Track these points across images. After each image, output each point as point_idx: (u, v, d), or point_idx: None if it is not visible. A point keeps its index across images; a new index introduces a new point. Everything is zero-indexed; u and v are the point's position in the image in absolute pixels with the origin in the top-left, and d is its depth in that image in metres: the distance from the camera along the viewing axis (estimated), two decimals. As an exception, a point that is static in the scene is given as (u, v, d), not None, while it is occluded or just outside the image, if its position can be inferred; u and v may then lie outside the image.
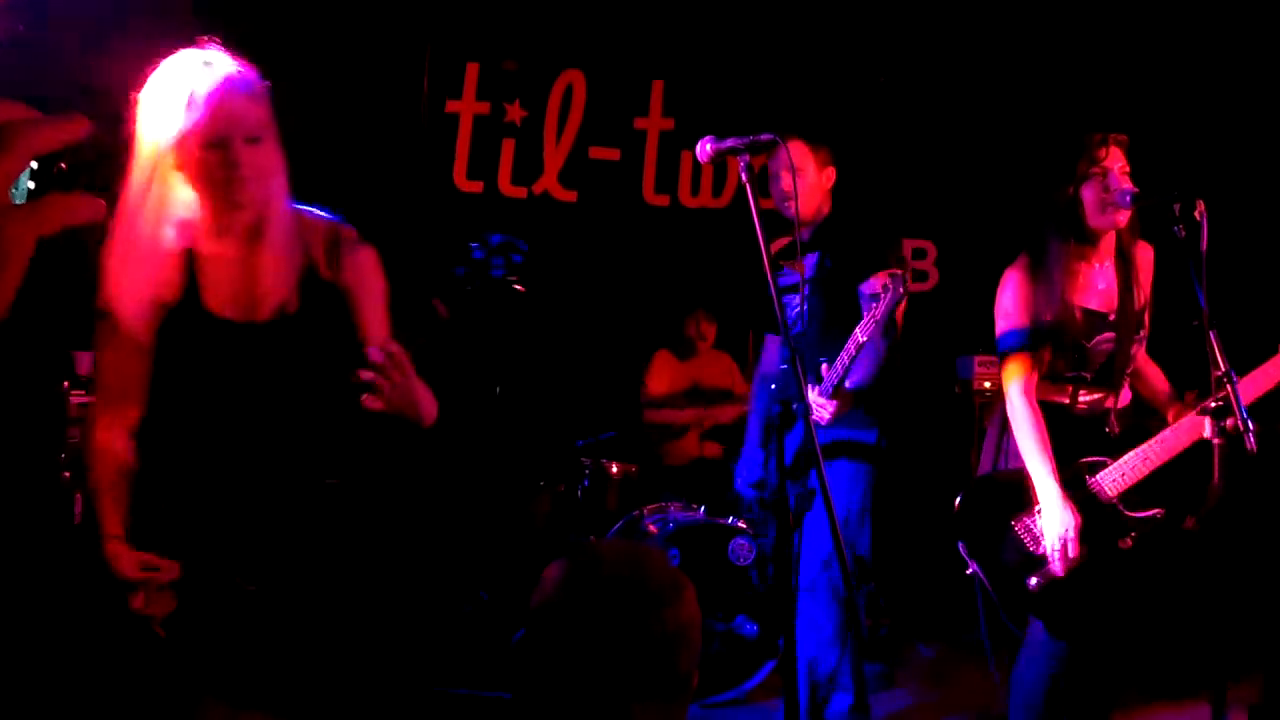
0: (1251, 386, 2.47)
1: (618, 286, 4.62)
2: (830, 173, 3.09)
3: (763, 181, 4.13)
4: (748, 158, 2.18)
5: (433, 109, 4.58)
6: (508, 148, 4.66)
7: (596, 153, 4.74)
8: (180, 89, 1.68)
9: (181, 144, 1.67)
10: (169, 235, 1.73)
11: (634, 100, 4.77)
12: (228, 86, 1.69)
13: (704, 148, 2.20)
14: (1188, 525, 3.22)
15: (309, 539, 1.77)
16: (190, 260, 1.78)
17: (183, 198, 1.72)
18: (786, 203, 2.95)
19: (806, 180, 3.01)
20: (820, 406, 2.66)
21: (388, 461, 1.81)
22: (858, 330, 2.68)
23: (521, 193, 4.69)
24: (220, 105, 1.67)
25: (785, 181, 2.96)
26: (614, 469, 3.79)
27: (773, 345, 3.15)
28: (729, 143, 2.18)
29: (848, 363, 2.72)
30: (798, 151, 3.02)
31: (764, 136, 2.21)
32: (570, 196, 4.75)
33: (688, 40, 4.75)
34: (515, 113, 4.65)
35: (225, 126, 1.67)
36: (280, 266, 1.76)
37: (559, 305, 4.17)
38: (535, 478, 4.12)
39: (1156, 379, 2.74)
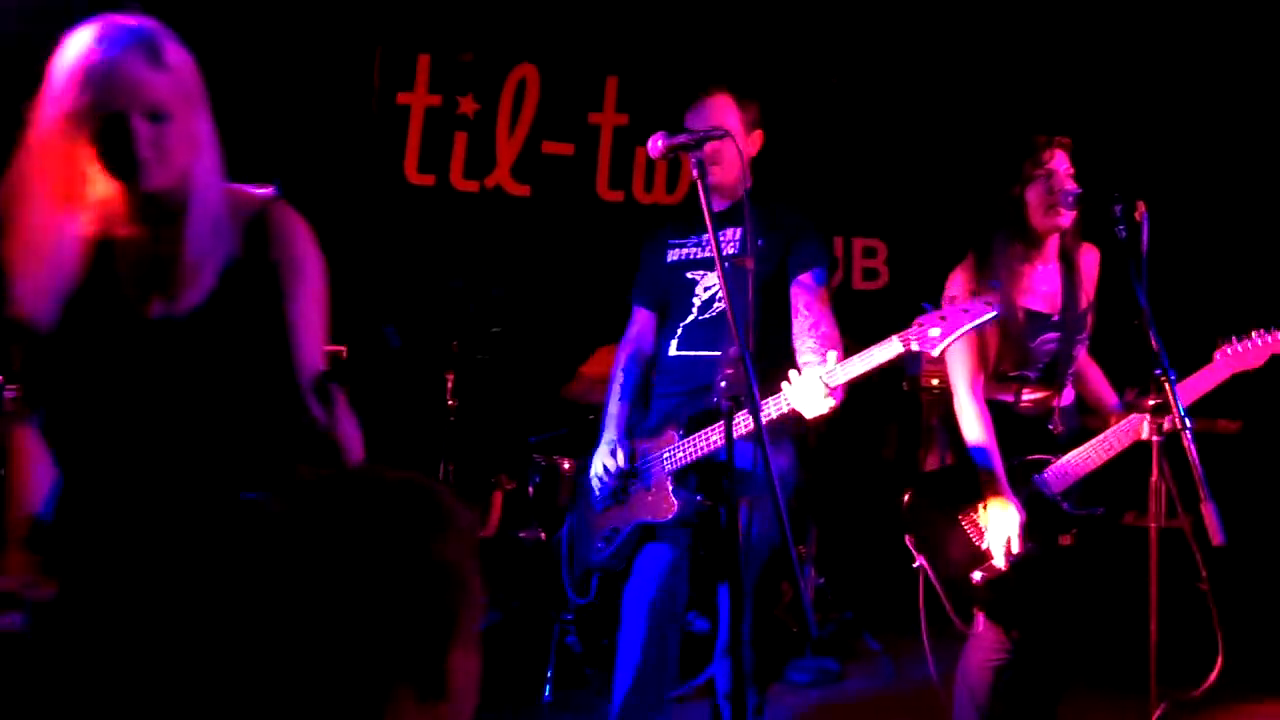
0: (1190, 389, 2.54)
1: (570, 282, 4.60)
2: (757, 137, 2.78)
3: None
4: (699, 153, 2.18)
5: (384, 100, 4.53)
6: (460, 141, 4.62)
7: (550, 147, 4.72)
8: (75, 59, 1.53)
9: (75, 120, 1.52)
10: (78, 220, 1.60)
11: (588, 95, 4.75)
12: (124, 55, 1.54)
13: (655, 144, 2.20)
14: (1127, 522, 3.30)
15: (218, 557, 1.49)
16: (104, 247, 1.63)
17: (92, 179, 1.58)
18: (712, 168, 2.59)
19: (729, 142, 2.47)
20: (825, 397, 2.30)
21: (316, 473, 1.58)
22: (918, 337, 2.29)
23: (474, 186, 4.65)
24: (112, 75, 1.52)
25: (711, 146, 2.42)
26: (566, 465, 3.78)
27: (644, 320, 2.81)
28: (680, 138, 2.18)
29: (874, 366, 2.35)
30: (723, 104, 2.74)
31: (715, 132, 2.22)
32: (523, 191, 4.72)
33: (642, 36, 4.74)
34: (468, 105, 4.61)
35: (119, 98, 1.52)
36: (201, 252, 1.60)
37: (511, 301, 4.14)
38: (486, 475, 4.09)
39: (1097, 379, 2.80)
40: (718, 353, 2.57)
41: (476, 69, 4.61)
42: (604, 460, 2.67)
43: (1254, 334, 2.59)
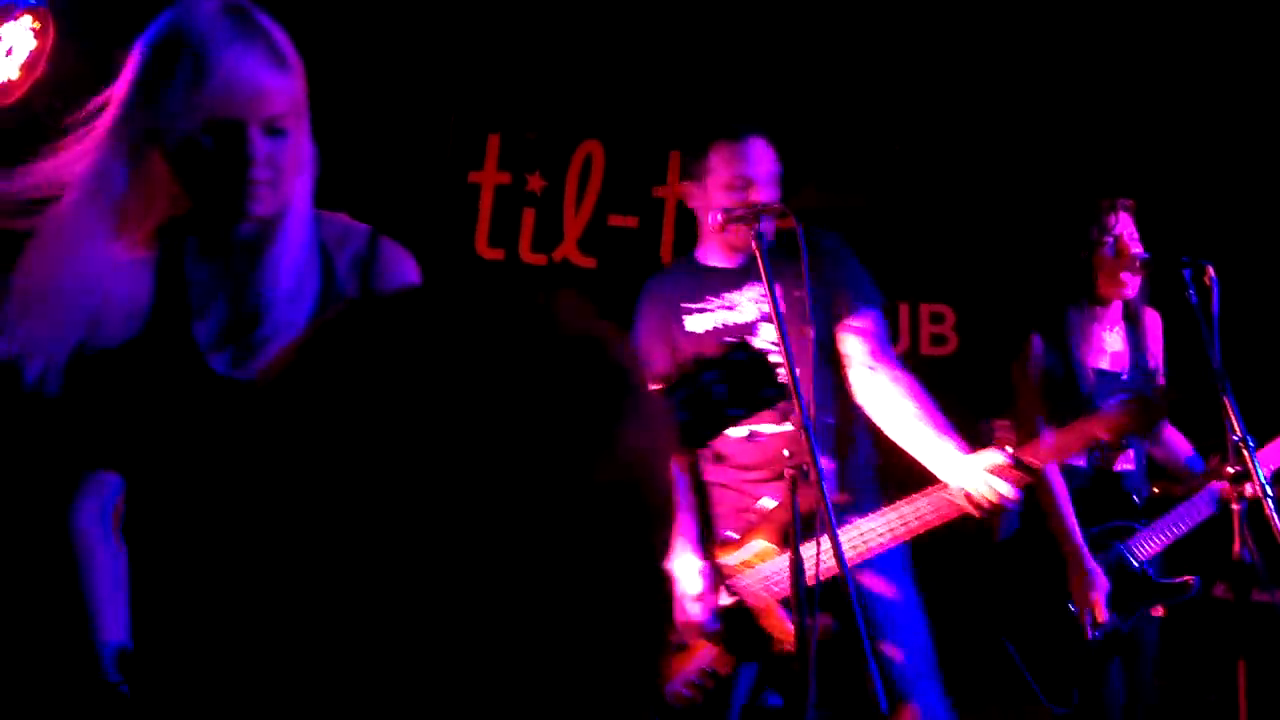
0: (1271, 457, 2.46)
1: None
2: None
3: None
4: (758, 225, 2.22)
5: (455, 178, 4.68)
6: (528, 216, 4.75)
7: (615, 220, 4.82)
8: (186, 41, 1.21)
9: (176, 119, 1.21)
10: (136, 247, 1.28)
11: (652, 169, 4.86)
12: (255, 49, 1.24)
13: (714, 216, 2.25)
14: (1216, 594, 3.18)
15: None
16: (169, 281, 1.30)
17: (165, 197, 1.27)
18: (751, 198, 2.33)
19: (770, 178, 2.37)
20: (1011, 487, 2.05)
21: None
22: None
23: (542, 259, 4.76)
24: (238, 73, 1.21)
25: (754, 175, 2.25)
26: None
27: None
28: (738, 211, 2.23)
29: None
30: (761, 151, 2.53)
31: (774, 205, 2.26)
32: (590, 263, 4.81)
33: (703, 111, 4.85)
34: (536, 182, 4.74)
35: (242, 105, 1.22)
36: (292, 293, 1.30)
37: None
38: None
39: (1176, 443, 2.74)
40: (788, 427, 2.29)
41: (543, 147, 4.75)
42: (690, 595, 2.24)
43: None
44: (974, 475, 2.06)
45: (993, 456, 2.09)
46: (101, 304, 1.26)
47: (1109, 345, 2.63)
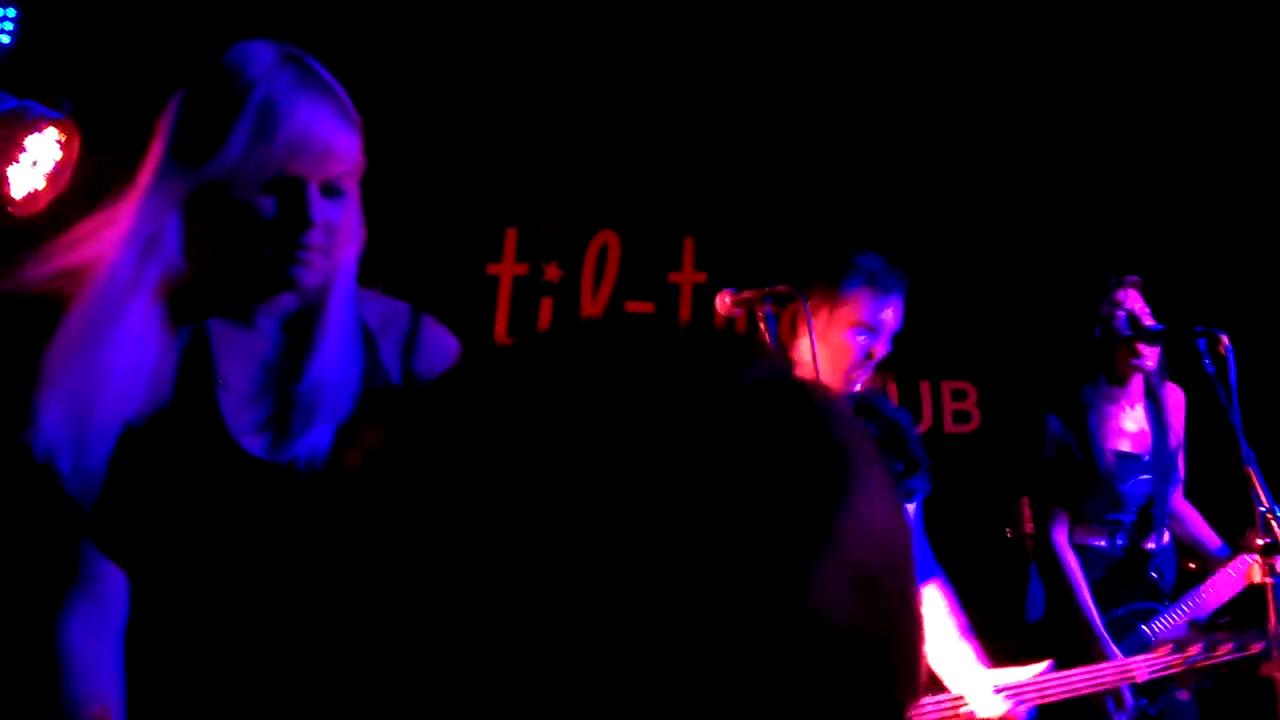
0: None
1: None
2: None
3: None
4: (767, 308, 2.23)
5: (473, 271, 4.76)
6: (545, 305, 4.81)
7: (632, 306, 4.87)
8: (248, 89, 1.09)
9: (236, 174, 1.09)
10: (168, 311, 1.14)
11: (667, 256, 4.92)
12: (325, 103, 1.13)
13: (723, 300, 2.26)
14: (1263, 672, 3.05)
15: None
16: (198, 351, 1.17)
17: (206, 257, 1.14)
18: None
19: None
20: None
21: None
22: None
23: (560, 348, 4.80)
24: (311, 128, 1.10)
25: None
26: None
27: None
28: (746, 295, 2.24)
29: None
30: (899, 304, 2.55)
31: (780, 288, 2.27)
32: (608, 350, 4.85)
33: (717, 197, 4.92)
34: (553, 272, 4.81)
35: (308, 162, 1.11)
36: (335, 373, 1.18)
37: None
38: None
39: (1195, 523, 2.68)
40: None
41: (560, 238, 4.83)
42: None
43: None
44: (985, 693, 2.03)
45: (1009, 675, 2.05)
46: (130, 378, 1.12)
47: (1129, 425, 2.60)
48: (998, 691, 2.03)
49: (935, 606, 2.22)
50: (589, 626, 0.34)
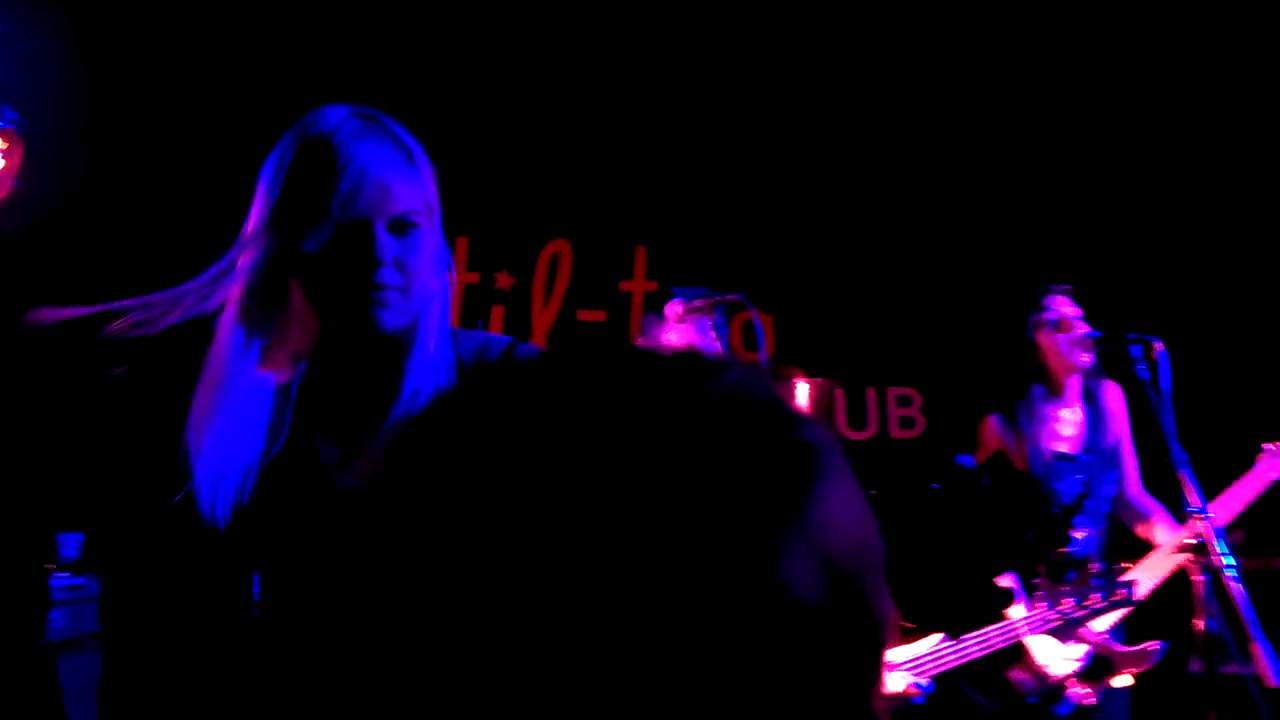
0: (1238, 496, 2.49)
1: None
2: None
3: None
4: (716, 316, 2.28)
5: (425, 280, 4.76)
6: (497, 313, 4.82)
7: (584, 315, 4.89)
8: (316, 146, 1.16)
9: (308, 228, 1.14)
10: (277, 362, 1.21)
11: (619, 265, 4.96)
12: (384, 146, 1.20)
13: (674, 308, 2.31)
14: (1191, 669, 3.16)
15: None
16: (301, 401, 1.21)
17: (304, 318, 1.19)
18: None
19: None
20: None
21: None
22: None
23: (511, 356, 4.80)
24: (368, 169, 1.16)
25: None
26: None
27: None
28: (697, 303, 2.28)
29: None
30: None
31: (730, 296, 2.32)
32: (559, 358, 4.87)
33: (668, 206, 4.97)
34: (504, 280, 4.82)
35: (370, 202, 1.15)
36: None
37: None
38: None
39: (1159, 517, 2.75)
40: None
41: (511, 247, 4.85)
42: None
43: None
44: None
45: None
46: (251, 432, 1.18)
47: (1066, 429, 2.68)
48: (895, 668, 2.14)
49: None
50: (591, 594, 0.39)
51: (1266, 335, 4.67)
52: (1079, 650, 2.39)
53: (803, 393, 5.04)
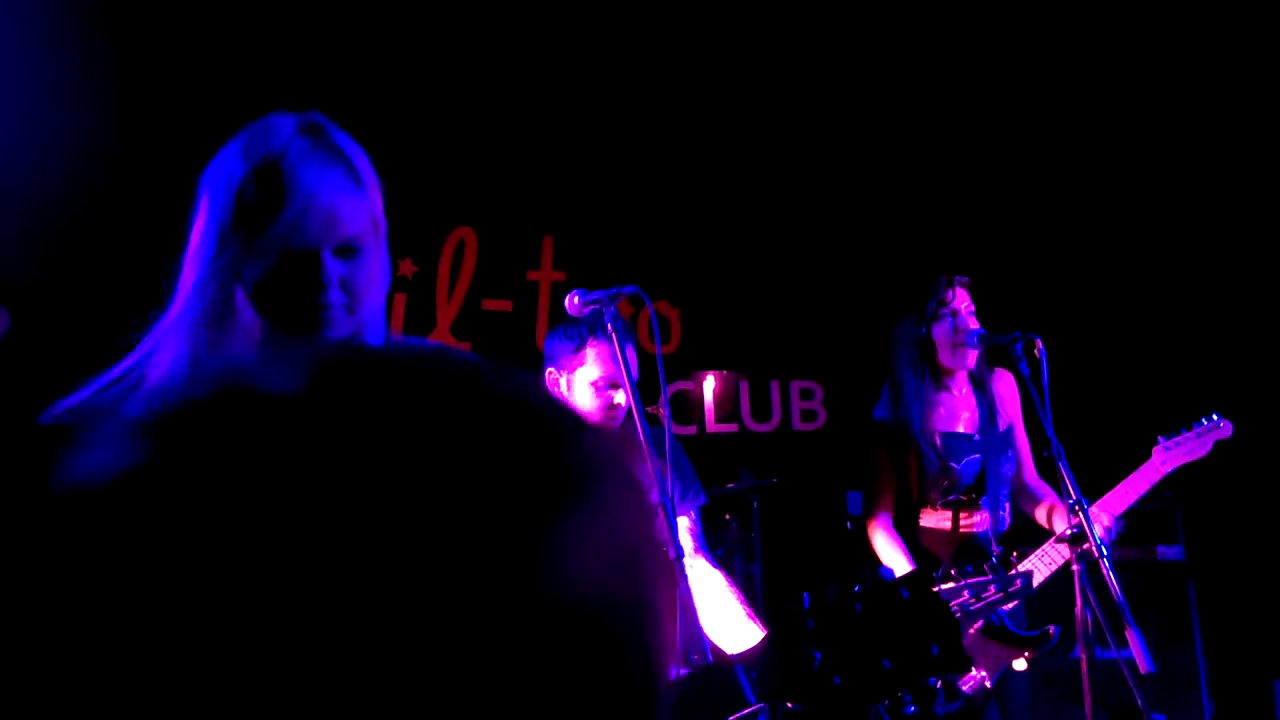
0: (1133, 488, 2.58)
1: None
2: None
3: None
4: (613, 309, 2.27)
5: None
6: (399, 302, 4.72)
7: (489, 304, 4.83)
8: (247, 172, 1.16)
9: (257, 249, 1.14)
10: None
11: (526, 254, 4.91)
12: (331, 167, 1.19)
13: (572, 300, 2.29)
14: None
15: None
16: None
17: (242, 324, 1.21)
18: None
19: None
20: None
21: None
22: None
23: (414, 345, 4.72)
24: (316, 199, 1.16)
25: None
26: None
27: None
28: (595, 295, 2.27)
29: None
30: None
31: (627, 289, 2.31)
32: (464, 347, 4.79)
33: (576, 196, 4.95)
34: (407, 268, 4.73)
35: (314, 228, 1.16)
36: None
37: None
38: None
39: (1052, 502, 2.83)
40: None
41: (414, 233, 4.75)
42: None
43: (1194, 425, 2.65)
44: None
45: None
46: None
47: (961, 411, 2.75)
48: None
49: (707, 578, 2.37)
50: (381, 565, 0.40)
51: (1163, 330, 4.87)
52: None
53: (709, 385, 5.08)
